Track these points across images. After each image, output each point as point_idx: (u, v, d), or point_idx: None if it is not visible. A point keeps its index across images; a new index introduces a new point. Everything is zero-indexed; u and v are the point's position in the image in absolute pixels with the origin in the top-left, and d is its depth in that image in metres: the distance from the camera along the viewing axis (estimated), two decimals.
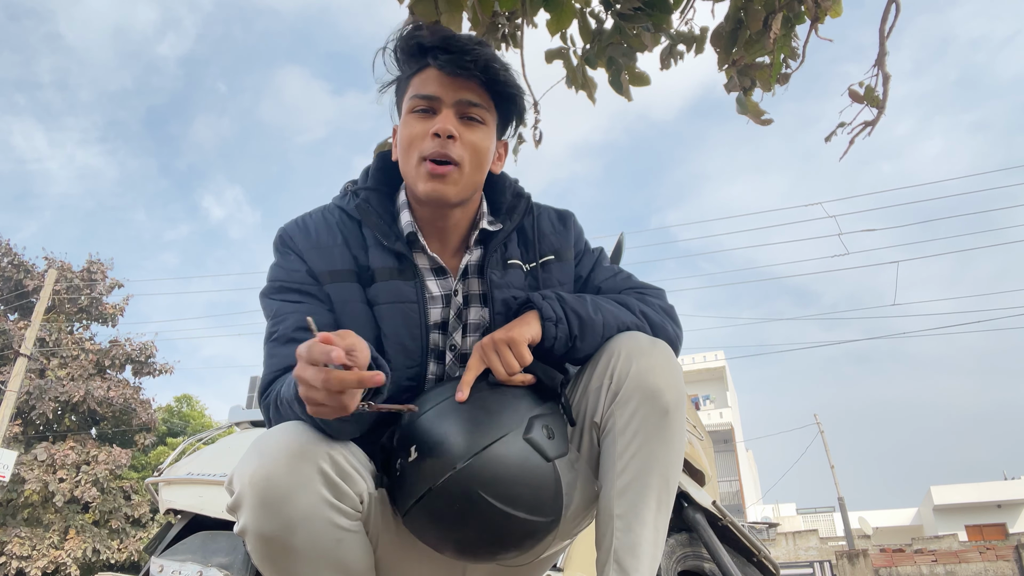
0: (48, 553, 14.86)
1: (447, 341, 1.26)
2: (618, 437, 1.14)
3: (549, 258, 1.31)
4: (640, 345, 1.17)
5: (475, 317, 1.27)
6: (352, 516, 1.03)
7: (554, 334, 1.17)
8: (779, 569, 2.22)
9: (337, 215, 1.26)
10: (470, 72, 1.15)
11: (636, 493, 1.12)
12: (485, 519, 1.04)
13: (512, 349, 1.14)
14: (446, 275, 1.26)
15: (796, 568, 15.87)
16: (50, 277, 15.76)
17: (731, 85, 2.29)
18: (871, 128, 2.22)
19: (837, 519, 28.42)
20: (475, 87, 1.18)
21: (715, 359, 31.95)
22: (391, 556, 1.14)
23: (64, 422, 17.11)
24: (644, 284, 1.37)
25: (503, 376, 1.13)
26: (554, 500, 1.09)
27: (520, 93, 1.24)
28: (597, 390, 1.18)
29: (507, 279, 1.26)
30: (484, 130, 1.20)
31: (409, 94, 1.20)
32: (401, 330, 1.19)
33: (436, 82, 1.17)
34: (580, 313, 1.19)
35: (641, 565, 1.11)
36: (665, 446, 1.13)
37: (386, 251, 1.22)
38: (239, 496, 0.96)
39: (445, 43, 1.15)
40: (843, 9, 2.09)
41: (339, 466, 1.00)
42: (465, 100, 1.18)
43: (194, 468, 2.56)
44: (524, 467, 1.06)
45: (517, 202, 1.32)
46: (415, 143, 1.17)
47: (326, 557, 1.00)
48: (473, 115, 1.19)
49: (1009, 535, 22.64)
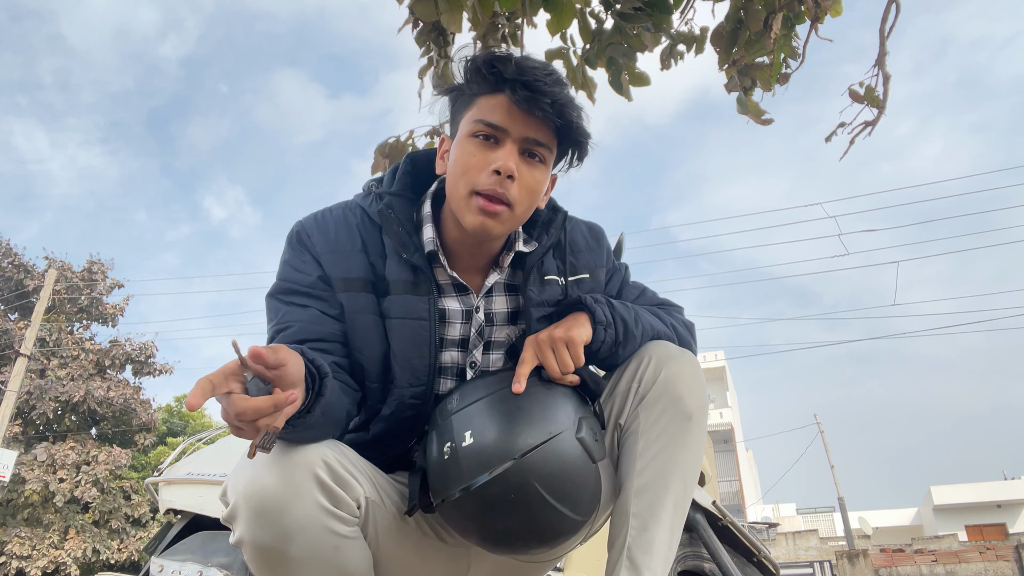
0: (48, 553, 14.86)
1: (467, 358, 1.25)
2: (640, 437, 1.16)
3: (584, 276, 1.29)
4: (669, 352, 1.20)
5: (500, 335, 1.26)
6: (350, 522, 1.02)
7: (603, 338, 1.18)
8: (779, 569, 2.22)
9: (359, 216, 1.22)
10: (545, 113, 1.10)
11: (654, 493, 1.13)
12: (534, 511, 1.05)
13: (570, 349, 1.15)
14: (467, 292, 1.23)
15: (796, 568, 15.86)
16: (50, 277, 15.75)
17: (731, 85, 2.29)
18: (871, 128, 2.22)
19: (837, 519, 28.41)
20: (545, 126, 1.13)
21: (715, 359, 31.95)
22: (391, 560, 1.14)
23: (64, 422, 17.10)
24: (667, 300, 1.40)
25: (556, 374, 1.14)
26: (592, 500, 1.11)
27: (587, 139, 1.19)
28: (624, 393, 1.20)
29: (545, 295, 1.24)
30: (543, 169, 1.16)
31: (473, 115, 1.14)
32: (409, 347, 1.16)
33: (506, 113, 1.12)
34: (626, 320, 1.21)
35: (654, 563, 1.11)
36: (686, 450, 1.15)
37: (403, 263, 1.18)
38: (234, 507, 0.95)
39: (525, 78, 1.09)
40: (843, 8, 2.09)
41: (335, 472, 0.99)
42: (532, 139, 1.13)
43: (194, 468, 2.56)
44: (575, 466, 1.08)
45: (554, 217, 1.29)
46: (471, 172, 1.12)
47: (325, 565, 0.99)
48: (536, 153, 1.14)
49: (1009, 535, 22.64)
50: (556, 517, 1.06)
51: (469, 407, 1.11)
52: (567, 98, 1.13)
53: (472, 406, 1.11)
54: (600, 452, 1.12)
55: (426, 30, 2.40)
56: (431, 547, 1.20)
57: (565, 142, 1.18)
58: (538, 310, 1.23)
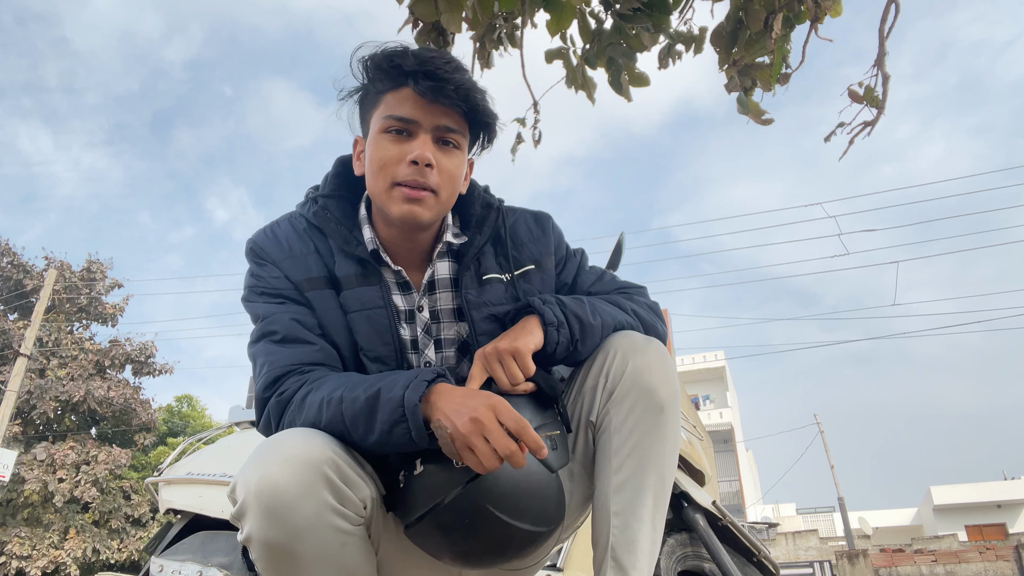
0: (48, 553, 14.86)
1: (421, 359, 1.24)
2: (614, 435, 1.15)
3: (529, 268, 1.28)
4: (635, 343, 1.18)
5: (449, 332, 1.26)
6: (356, 521, 1.02)
7: (556, 339, 1.16)
8: (779, 569, 2.22)
9: (304, 223, 1.25)
10: (451, 100, 1.13)
11: (633, 490, 1.13)
12: (492, 532, 1.04)
13: (517, 360, 1.13)
14: (410, 290, 1.24)
15: (796, 568, 15.86)
16: (50, 277, 15.75)
17: (731, 85, 2.29)
18: (870, 128, 2.22)
19: (837, 519, 28.41)
20: (453, 113, 1.16)
21: (715, 359, 31.94)
22: (392, 558, 1.14)
23: (64, 422, 17.11)
24: (628, 283, 1.38)
25: (506, 387, 1.13)
26: (556, 510, 1.10)
27: (495, 120, 1.22)
28: (592, 389, 1.19)
29: (486, 296, 1.23)
30: (459, 155, 1.19)
31: (382, 111, 1.16)
32: (373, 337, 1.18)
33: (413, 105, 1.14)
34: (580, 316, 1.19)
35: (639, 562, 1.11)
36: (661, 443, 1.14)
37: (349, 257, 1.20)
38: (243, 505, 0.95)
39: (426, 69, 1.11)
40: (843, 9, 2.09)
41: (343, 472, 1.00)
42: (444, 126, 1.15)
43: (194, 468, 2.56)
44: (531, 481, 1.07)
45: (487, 213, 1.29)
46: (388, 166, 1.14)
47: (331, 562, 1.00)
48: (450, 139, 1.17)
49: (1009, 535, 22.64)
50: (516, 533, 1.05)
51: None
52: (470, 83, 1.14)
53: None
54: (560, 460, 1.11)
55: (426, 30, 2.41)
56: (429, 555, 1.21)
57: (475, 126, 1.21)
58: (479, 311, 1.22)
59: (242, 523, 0.97)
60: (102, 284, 18.55)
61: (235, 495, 0.97)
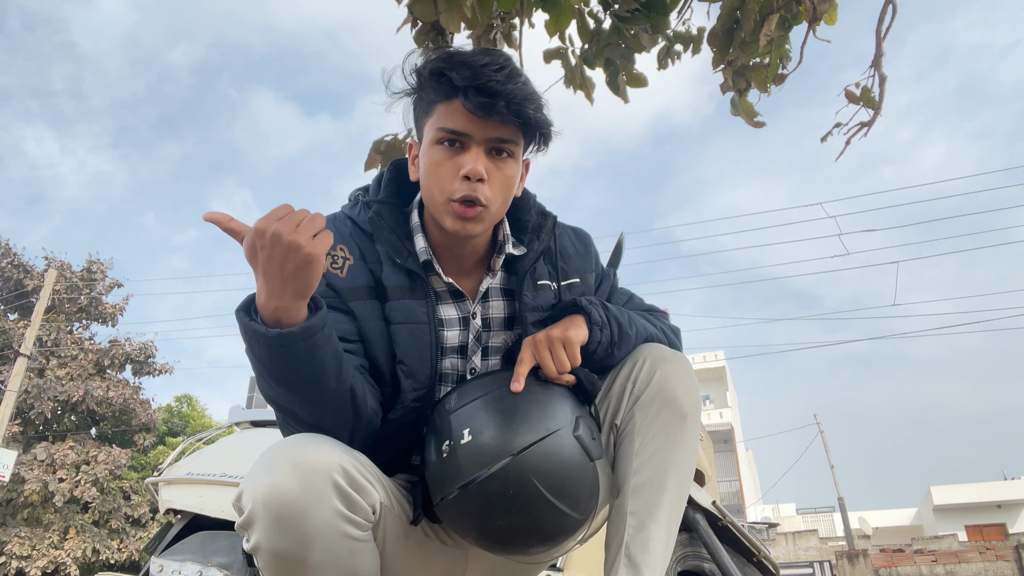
0: (48, 553, 14.85)
1: (467, 365, 1.26)
2: (636, 437, 1.18)
3: (574, 281, 1.31)
4: (663, 354, 1.23)
5: (497, 340, 1.28)
6: (364, 527, 1.02)
7: (599, 339, 1.20)
8: (779, 569, 2.22)
9: (350, 227, 1.23)
10: (503, 117, 1.11)
11: (651, 492, 1.15)
12: (532, 508, 1.06)
13: (566, 348, 1.16)
14: (463, 299, 1.25)
15: (796, 568, 15.86)
16: (50, 277, 15.76)
17: (726, 86, 2.30)
18: (867, 129, 2.22)
19: (837, 519, 28.40)
20: (506, 124, 1.13)
21: (715, 359, 31.95)
22: (394, 561, 1.15)
23: (64, 422, 17.11)
24: (653, 307, 1.43)
25: (553, 374, 1.15)
26: (590, 499, 1.12)
27: (550, 127, 1.20)
28: (619, 394, 1.22)
29: (538, 301, 1.26)
30: (512, 163, 1.17)
31: (435, 122, 1.15)
32: (411, 352, 1.17)
33: (465, 118, 1.12)
34: (620, 321, 1.23)
35: (652, 561, 1.12)
36: (681, 449, 1.17)
37: (398, 268, 1.19)
38: (251, 514, 0.94)
39: (478, 83, 1.09)
40: (838, 17, 2.09)
41: (352, 478, 0.99)
42: (496, 138, 1.14)
43: (194, 468, 2.56)
44: (573, 463, 1.09)
45: (543, 222, 1.30)
46: (443, 180, 1.14)
47: (340, 568, 0.99)
48: (503, 150, 1.15)
49: (1009, 535, 22.62)
50: (555, 514, 1.07)
51: (467, 406, 1.12)
52: (523, 94, 1.12)
53: (470, 405, 1.12)
54: (597, 451, 1.13)
55: (425, 29, 2.41)
56: (432, 548, 1.21)
57: (529, 132, 1.19)
58: (533, 314, 1.24)
59: (249, 532, 0.95)
60: (102, 284, 18.55)
61: (241, 504, 0.95)
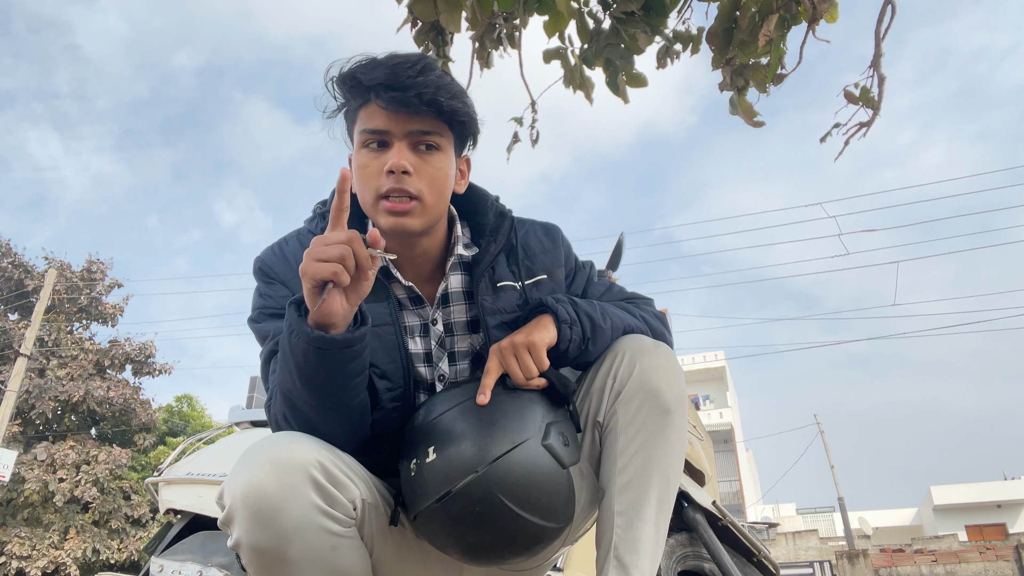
0: (48, 553, 14.86)
1: (435, 372, 1.25)
2: (620, 434, 1.15)
3: (541, 278, 1.29)
4: (643, 346, 1.19)
5: (463, 345, 1.26)
6: (345, 523, 1.02)
7: (569, 336, 1.17)
8: (779, 569, 2.22)
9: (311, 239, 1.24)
10: (416, 108, 1.11)
11: (637, 490, 1.13)
12: (502, 523, 1.05)
13: (532, 353, 1.14)
14: (423, 304, 1.24)
15: (796, 568, 15.86)
16: (50, 277, 15.76)
17: (725, 84, 2.30)
18: (866, 129, 2.22)
19: (837, 519, 28.40)
20: (425, 116, 1.13)
21: (715, 359, 31.94)
22: (388, 561, 1.14)
23: (64, 422, 17.11)
24: (635, 294, 1.39)
25: (521, 380, 1.14)
26: (566, 507, 1.11)
27: (472, 117, 1.20)
28: (600, 390, 1.19)
29: (500, 303, 1.24)
30: (440, 156, 1.16)
31: (358, 127, 1.16)
32: (380, 353, 1.17)
33: (383, 116, 1.13)
34: (592, 316, 1.20)
35: (641, 561, 1.11)
36: (666, 444, 1.14)
37: None
38: (230, 510, 0.95)
39: (388, 81, 1.10)
40: (839, 15, 2.09)
41: (329, 473, 0.99)
42: (416, 131, 1.13)
43: (194, 468, 2.56)
44: (542, 473, 1.07)
45: (501, 222, 1.29)
46: (370, 180, 1.14)
47: (322, 564, 1.00)
48: (427, 143, 1.15)
49: (1009, 535, 22.63)
50: (526, 526, 1.06)
51: (433, 421, 1.11)
52: (435, 85, 1.11)
53: (436, 420, 1.11)
54: (571, 456, 1.12)
55: (424, 30, 2.41)
56: (426, 548, 1.21)
57: (453, 124, 1.18)
58: (495, 317, 1.22)
59: (231, 528, 0.97)
60: (102, 284, 18.55)
61: (222, 500, 0.97)
